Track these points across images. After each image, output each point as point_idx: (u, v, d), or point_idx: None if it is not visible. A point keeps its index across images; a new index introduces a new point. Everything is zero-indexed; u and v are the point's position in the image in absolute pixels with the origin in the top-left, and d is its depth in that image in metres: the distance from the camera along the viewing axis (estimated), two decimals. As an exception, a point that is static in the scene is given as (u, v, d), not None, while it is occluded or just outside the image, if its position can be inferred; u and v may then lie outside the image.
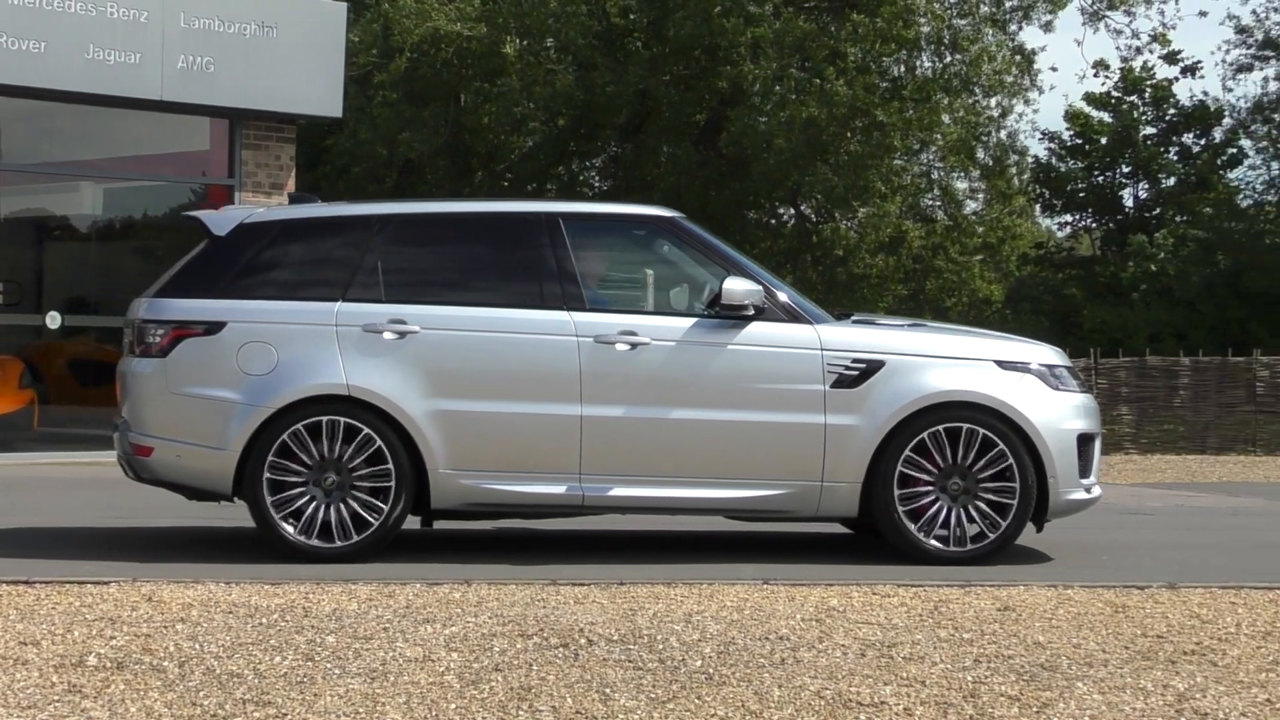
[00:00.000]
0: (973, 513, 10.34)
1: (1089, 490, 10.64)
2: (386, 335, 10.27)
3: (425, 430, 10.18)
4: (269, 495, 10.13)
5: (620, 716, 6.17)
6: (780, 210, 33.88)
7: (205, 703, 6.26)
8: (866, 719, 6.21)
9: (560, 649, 7.31)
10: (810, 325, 10.44)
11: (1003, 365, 10.51)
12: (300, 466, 10.15)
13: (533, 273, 10.47)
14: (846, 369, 10.34)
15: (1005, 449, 10.30)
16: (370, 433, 10.15)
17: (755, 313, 10.36)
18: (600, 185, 34.25)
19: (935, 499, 10.34)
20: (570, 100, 30.22)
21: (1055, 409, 10.48)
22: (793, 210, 33.49)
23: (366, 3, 30.83)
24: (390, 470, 10.15)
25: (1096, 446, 10.73)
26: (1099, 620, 8.31)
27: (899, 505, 10.30)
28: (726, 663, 7.07)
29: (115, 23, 18.19)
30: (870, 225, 31.39)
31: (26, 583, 8.95)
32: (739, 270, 10.56)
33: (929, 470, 10.31)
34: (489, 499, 10.35)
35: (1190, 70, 40.30)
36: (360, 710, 6.20)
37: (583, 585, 9.16)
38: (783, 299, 10.52)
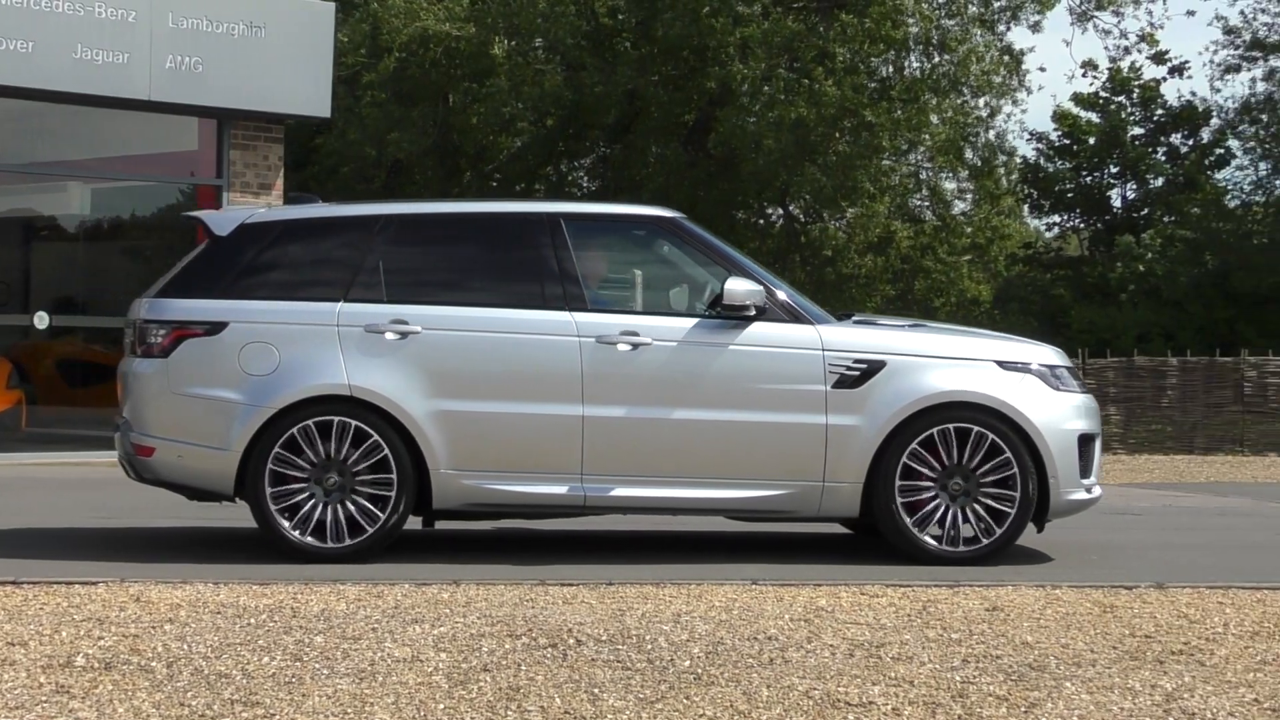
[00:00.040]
0: (973, 513, 10.35)
1: (1089, 490, 10.64)
2: (388, 335, 10.26)
3: (427, 430, 10.17)
4: (271, 496, 10.12)
5: (609, 716, 6.17)
6: (769, 210, 33.90)
7: (193, 703, 6.26)
8: (855, 719, 6.21)
9: (549, 649, 7.31)
10: (811, 326, 10.45)
11: (1004, 366, 10.52)
12: (302, 467, 10.13)
13: (534, 273, 10.46)
14: (848, 369, 10.34)
15: (1006, 449, 10.31)
16: (372, 433, 10.14)
17: (756, 313, 10.36)
18: (589, 185, 34.24)
19: (936, 499, 10.34)
20: (559, 100, 30.22)
21: (1056, 409, 10.49)
22: (781, 210, 33.51)
23: (355, 2, 30.82)
24: (392, 470, 10.14)
25: (1097, 447, 10.74)
26: (1087, 620, 8.32)
27: (900, 505, 10.29)
28: (715, 663, 7.07)
29: (103, 22, 18.17)
30: (859, 225, 31.41)
31: (14, 583, 8.94)
32: (740, 270, 10.56)
33: (930, 470, 10.31)
34: (491, 499, 10.34)
35: (1178, 70, 40.36)
36: (348, 710, 6.20)
37: (571, 585, 9.16)
38: (784, 299, 10.52)
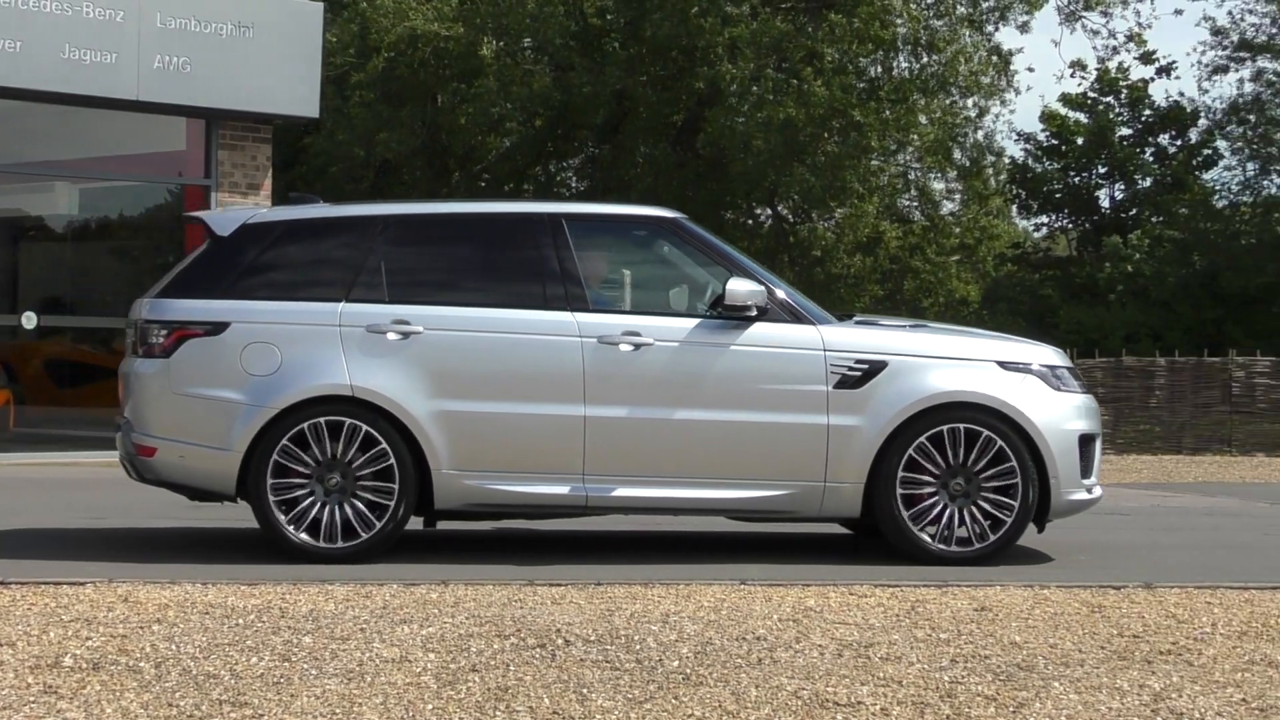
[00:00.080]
0: (975, 513, 10.34)
1: (1090, 490, 10.65)
2: (390, 336, 10.25)
3: (429, 431, 10.16)
4: (272, 496, 10.11)
5: (597, 717, 6.17)
6: (757, 211, 33.92)
7: (181, 703, 6.25)
8: (843, 719, 6.21)
9: (537, 649, 7.31)
10: (813, 326, 10.44)
11: (1004, 366, 10.52)
12: (304, 467, 10.12)
13: (536, 273, 10.46)
14: (849, 370, 10.34)
15: (1007, 449, 10.31)
16: (374, 433, 10.12)
17: (758, 313, 10.36)
18: (577, 186, 34.24)
19: (937, 499, 10.34)
20: (547, 101, 30.22)
21: (1057, 409, 10.49)
22: (769, 211, 33.52)
23: (344, 2, 30.80)
24: (394, 471, 10.13)
25: (1097, 447, 10.75)
26: (1075, 620, 8.32)
27: (901, 505, 10.29)
28: (704, 663, 7.07)
29: (91, 22, 18.15)
30: (847, 226, 31.43)
31: (2, 583, 8.92)
32: (742, 271, 10.56)
33: (931, 471, 10.31)
34: (492, 499, 10.34)
35: (1165, 71, 40.43)
36: (337, 711, 6.19)
37: (560, 586, 9.16)
38: (786, 300, 10.52)
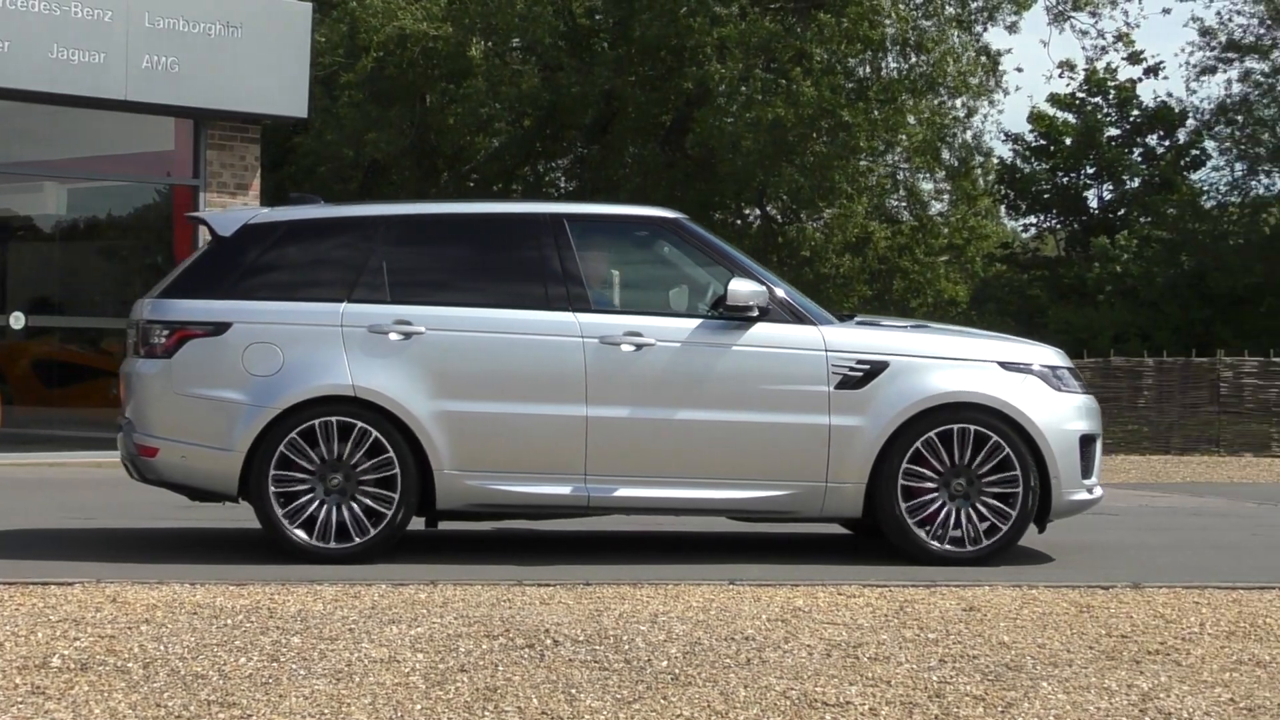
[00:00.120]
0: (976, 513, 10.34)
1: (1091, 491, 10.67)
2: (392, 336, 10.25)
3: (431, 431, 10.16)
4: (274, 496, 10.10)
5: (586, 717, 6.17)
6: (746, 211, 33.92)
7: (170, 704, 6.24)
8: (832, 719, 6.22)
9: (526, 649, 7.31)
10: (814, 326, 10.45)
11: (1005, 366, 10.53)
12: (306, 467, 10.11)
13: (537, 274, 10.46)
14: (851, 370, 10.34)
15: (1008, 450, 10.32)
16: (376, 433, 10.12)
17: (760, 314, 10.35)
18: (566, 186, 34.24)
19: (939, 499, 10.34)
20: (536, 101, 30.21)
21: (1058, 410, 10.50)
22: (758, 211, 33.53)
23: (333, 2, 30.77)
24: (396, 471, 10.13)
25: (1098, 447, 10.76)
26: (1064, 620, 8.33)
27: (903, 506, 10.30)
28: (692, 663, 7.08)
29: (79, 22, 18.12)
30: (836, 226, 31.44)
31: (-10, 584, 8.92)
32: (743, 271, 10.56)
33: (933, 471, 10.32)
34: (494, 500, 10.34)
35: (1153, 71, 40.50)
36: (325, 711, 6.19)
37: (549, 586, 9.16)
38: (787, 300, 10.51)
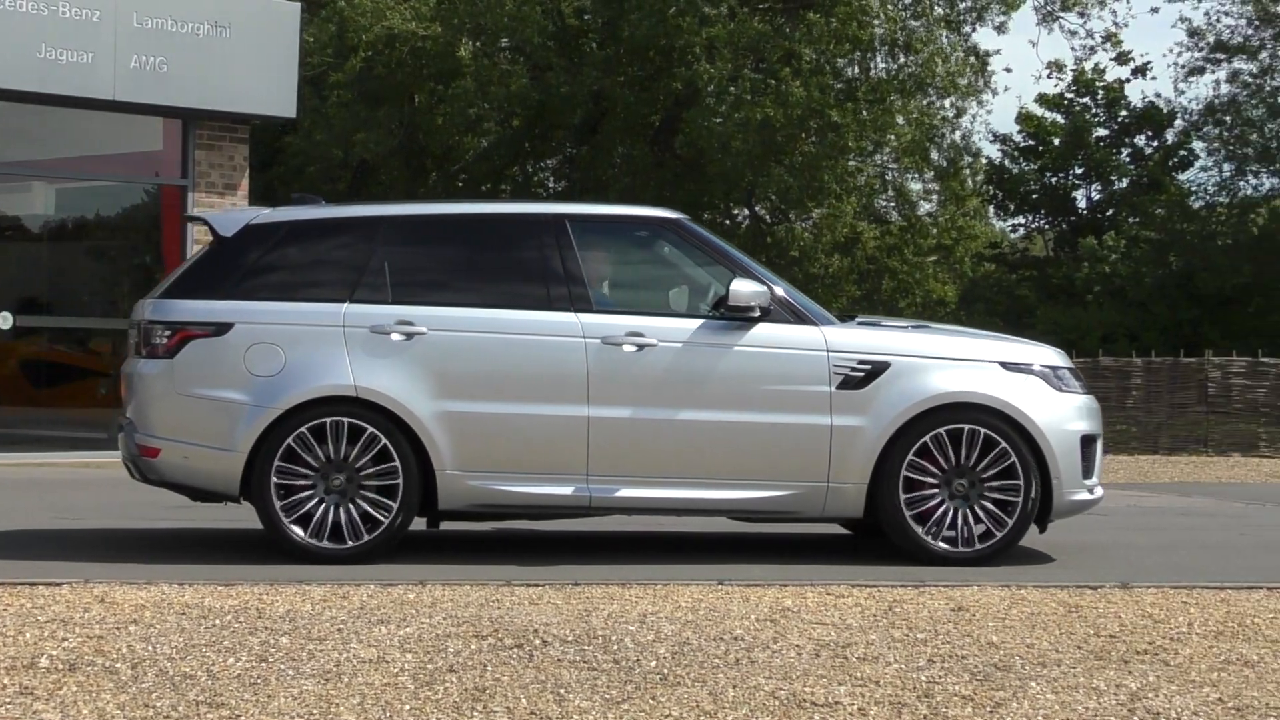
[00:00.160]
0: (977, 513, 10.36)
1: (1092, 491, 10.68)
2: (394, 336, 10.25)
3: (432, 431, 10.15)
4: (276, 497, 10.09)
5: (575, 717, 6.17)
6: (735, 211, 33.93)
7: (158, 704, 6.24)
8: (821, 719, 6.22)
9: (515, 650, 7.30)
10: (816, 327, 10.45)
11: (1007, 367, 10.54)
12: (308, 468, 10.11)
13: (539, 274, 10.47)
14: (852, 370, 10.35)
15: (1010, 450, 10.33)
16: (378, 434, 10.12)
17: (761, 314, 10.36)
18: (554, 186, 34.23)
19: (940, 500, 10.35)
20: (525, 101, 30.19)
21: (1059, 410, 10.52)
22: (747, 211, 33.54)
23: (322, 2, 30.74)
24: (398, 471, 10.13)
25: (1099, 447, 10.77)
26: (1052, 620, 8.34)
27: (904, 506, 10.30)
28: (681, 663, 7.08)
29: (67, 22, 18.09)
30: (825, 226, 31.46)
31: (-22, 585, 8.91)
32: (745, 272, 10.56)
33: (934, 471, 10.33)
34: (496, 500, 10.34)
35: (1141, 71, 40.54)
36: (314, 711, 6.18)
37: (537, 586, 9.16)
38: (789, 301, 10.53)
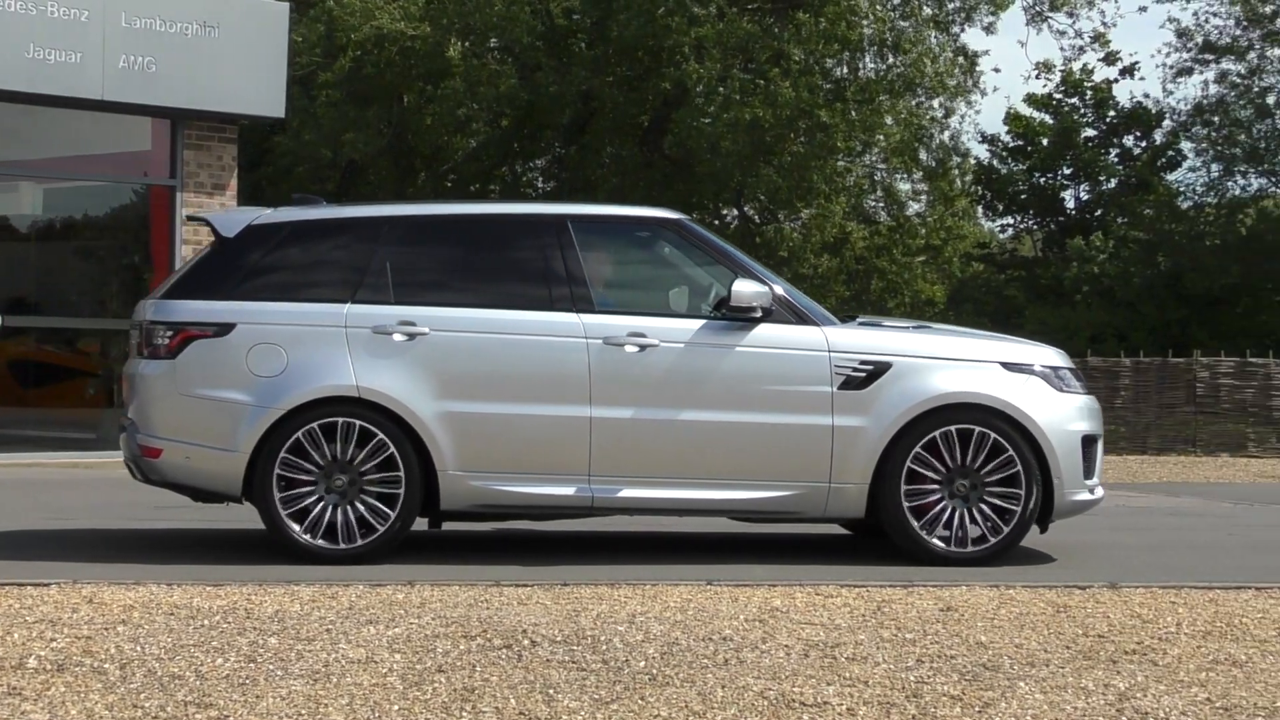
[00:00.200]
0: (979, 514, 10.37)
1: (1092, 491, 10.70)
2: (396, 337, 10.25)
3: (435, 432, 10.16)
4: (279, 497, 10.09)
5: (564, 717, 6.17)
6: (724, 211, 33.94)
7: (146, 705, 6.23)
8: (810, 719, 6.22)
9: (503, 650, 7.30)
10: (817, 327, 10.47)
11: (1008, 367, 10.55)
12: (310, 468, 10.11)
13: (541, 275, 10.48)
14: (854, 371, 10.36)
15: (1011, 450, 10.34)
16: (380, 434, 10.11)
17: (763, 315, 10.37)
18: (543, 186, 34.22)
19: (942, 500, 10.36)
20: (514, 101, 30.18)
21: (1060, 410, 10.52)
22: (736, 211, 33.54)
23: (310, 1, 30.71)
24: (400, 472, 10.13)
25: (1099, 447, 10.78)
26: (1041, 620, 8.35)
27: (906, 506, 10.32)
28: (670, 663, 7.08)
29: (55, 22, 18.08)
30: (814, 226, 31.47)
31: (-35, 585, 8.90)
32: (746, 272, 10.57)
33: (936, 471, 10.34)
34: (498, 500, 10.34)
35: (1129, 71, 40.60)
36: (303, 712, 6.18)
37: (526, 586, 9.16)
38: (790, 301, 10.54)
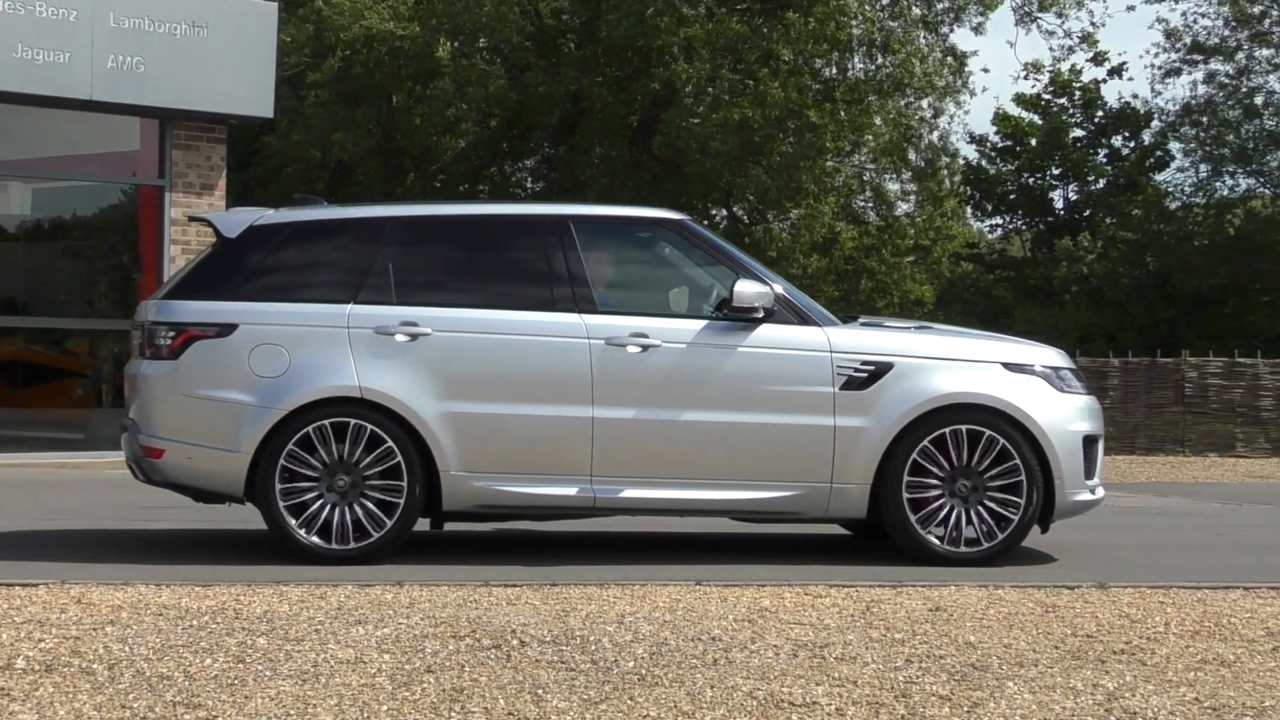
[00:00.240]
0: (980, 514, 10.38)
1: (1093, 491, 10.71)
2: (398, 337, 10.25)
3: (437, 432, 10.16)
4: (281, 497, 10.09)
5: (553, 717, 6.17)
6: (713, 211, 33.94)
7: (135, 705, 6.23)
8: (799, 719, 6.22)
9: (492, 650, 7.30)
10: (819, 328, 10.47)
11: (1009, 367, 10.56)
12: (312, 469, 10.11)
13: (543, 275, 10.48)
14: (855, 371, 10.37)
15: (1012, 451, 10.35)
16: (382, 435, 10.11)
17: (765, 315, 10.37)
18: (533, 186, 34.22)
19: (943, 500, 10.37)
20: (503, 101, 30.17)
21: (1061, 410, 10.54)
22: (725, 211, 33.55)
23: (299, 1, 30.68)
24: (402, 472, 10.13)
25: (1100, 447, 10.79)
26: (1029, 620, 8.35)
27: (907, 506, 10.33)
28: (659, 664, 7.08)
29: (44, 22, 18.05)
30: (803, 226, 31.49)
31: (-46, 586, 8.88)
32: (748, 273, 10.57)
33: (937, 472, 10.35)
34: (500, 501, 10.34)
35: (1117, 71, 40.64)
36: (291, 712, 6.17)
37: (515, 586, 9.15)
38: (792, 302, 10.54)
